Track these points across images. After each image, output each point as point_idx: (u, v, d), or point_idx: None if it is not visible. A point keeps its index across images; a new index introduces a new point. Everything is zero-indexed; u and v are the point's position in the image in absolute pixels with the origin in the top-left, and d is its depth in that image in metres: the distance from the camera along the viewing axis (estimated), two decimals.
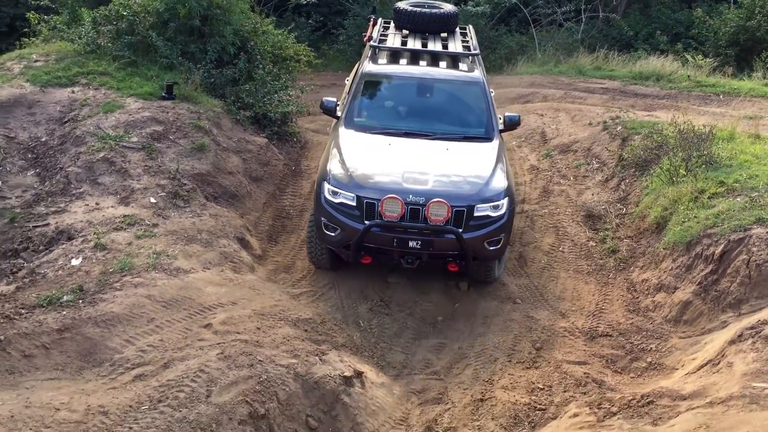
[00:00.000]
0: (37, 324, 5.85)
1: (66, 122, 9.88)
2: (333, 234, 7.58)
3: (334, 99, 8.92)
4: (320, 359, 6.40)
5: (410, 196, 7.34)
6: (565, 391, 6.53)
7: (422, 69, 9.18)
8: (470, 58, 9.61)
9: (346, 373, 6.34)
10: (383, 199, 7.29)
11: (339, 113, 8.78)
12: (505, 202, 7.68)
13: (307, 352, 6.44)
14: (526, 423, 6.15)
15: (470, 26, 11.16)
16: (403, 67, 9.23)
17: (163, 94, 10.45)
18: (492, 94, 9.20)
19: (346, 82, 10.43)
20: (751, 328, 5.87)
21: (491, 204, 7.58)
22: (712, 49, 17.83)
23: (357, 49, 22.04)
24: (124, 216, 8.13)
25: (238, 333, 6.41)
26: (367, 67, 9.21)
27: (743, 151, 9.23)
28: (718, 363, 5.81)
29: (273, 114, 11.47)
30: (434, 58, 9.47)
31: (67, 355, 5.68)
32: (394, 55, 9.55)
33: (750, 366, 5.32)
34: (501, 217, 7.61)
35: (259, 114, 11.40)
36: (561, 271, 8.72)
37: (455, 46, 9.90)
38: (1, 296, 6.56)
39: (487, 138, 8.56)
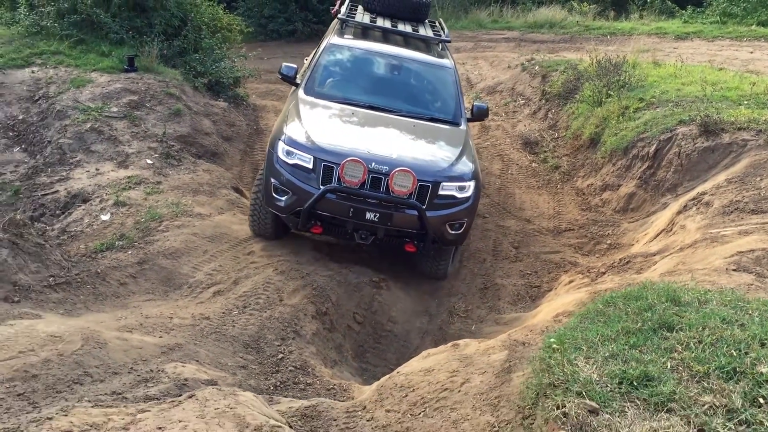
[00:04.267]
0: (117, 260, 6.62)
1: (37, 100, 10.25)
2: (283, 198, 6.95)
3: (295, 65, 8.33)
4: (350, 270, 7.52)
5: (373, 163, 6.69)
6: (549, 273, 8.00)
7: (392, 48, 8.62)
8: (440, 45, 9.10)
9: (374, 278, 7.50)
10: (344, 162, 6.61)
11: (299, 81, 8.25)
12: (472, 184, 7.13)
13: (338, 266, 7.53)
14: (527, 298, 7.56)
15: (441, 19, 10.60)
16: (371, 44, 8.67)
17: (126, 67, 10.96)
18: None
19: (304, 61, 10.35)
20: (693, 199, 7.51)
21: (458, 184, 7.03)
22: None
23: (256, 21, 22.68)
24: (128, 177, 8.79)
25: (279, 256, 7.40)
26: (334, 39, 8.67)
27: (649, 74, 11.02)
28: (671, 229, 7.42)
29: (226, 80, 12.22)
30: (404, 40, 8.96)
31: (151, 282, 6.50)
32: (363, 33, 9.01)
33: (700, 223, 6.92)
34: (467, 199, 7.09)
35: (212, 81, 12.11)
36: (515, 188, 10.18)
37: (426, 33, 9.37)
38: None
39: (455, 123, 8.01)
